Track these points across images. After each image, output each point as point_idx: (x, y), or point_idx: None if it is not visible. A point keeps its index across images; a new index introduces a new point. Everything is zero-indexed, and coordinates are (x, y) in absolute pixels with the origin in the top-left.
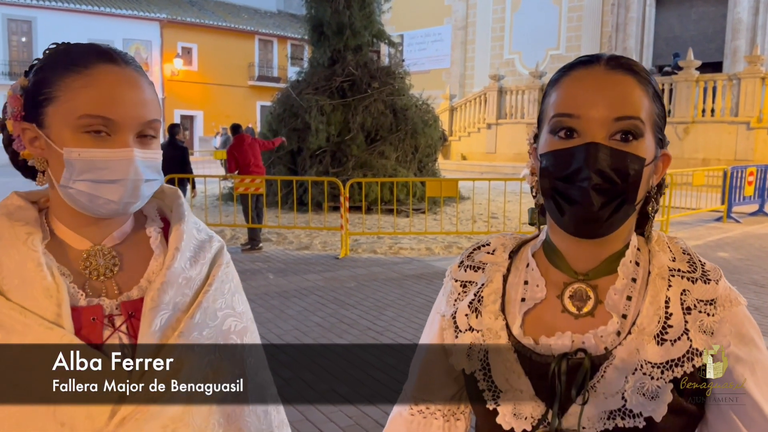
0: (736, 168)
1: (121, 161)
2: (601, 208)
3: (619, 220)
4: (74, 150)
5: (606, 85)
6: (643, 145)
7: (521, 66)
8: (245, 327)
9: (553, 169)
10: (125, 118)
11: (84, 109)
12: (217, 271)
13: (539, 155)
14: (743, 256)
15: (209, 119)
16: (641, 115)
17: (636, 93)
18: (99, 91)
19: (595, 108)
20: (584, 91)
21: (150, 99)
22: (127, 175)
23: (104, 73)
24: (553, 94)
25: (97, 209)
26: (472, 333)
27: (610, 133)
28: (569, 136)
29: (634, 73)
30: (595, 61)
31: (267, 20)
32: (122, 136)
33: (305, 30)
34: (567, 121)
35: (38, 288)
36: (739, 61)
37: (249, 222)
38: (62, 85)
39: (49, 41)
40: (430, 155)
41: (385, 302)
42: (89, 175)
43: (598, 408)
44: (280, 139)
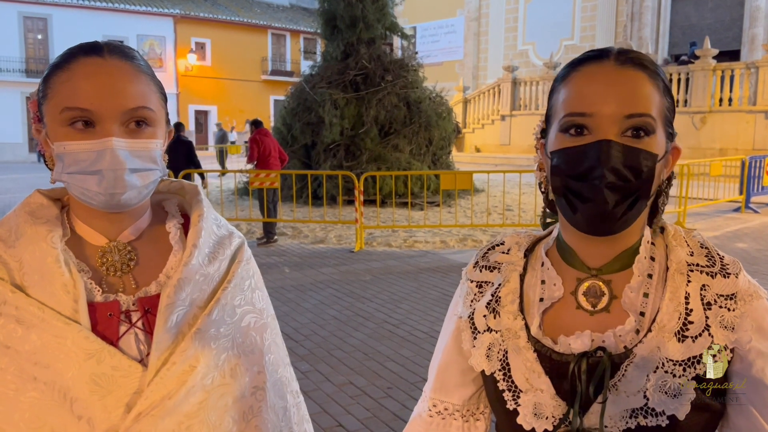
0: (755, 158)
1: (101, 152)
2: (615, 206)
3: (632, 217)
4: (61, 144)
5: (617, 82)
6: (655, 141)
7: (535, 57)
8: (265, 324)
9: (564, 167)
10: (105, 108)
11: (64, 102)
12: (236, 267)
13: (549, 153)
14: (762, 247)
15: (223, 114)
16: (652, 111)
17: (647, 89)
18: (77, 84)
19: (607, 105)
20: (595, 88)
21: (136, 87)
22: (107, 164)
23: (83, 65)
24: (563, 91)
25: (90, 201)
26: (491, 334)
27: (621, 130)
28: (580, 134)
29: (644, 68)
30: (605, 56)
31: (280, 14)
32: (105, 126)
33: (318, 24)
34: (578, 119)
35: (57, 284)
36: (757, 49)
37: (265, 216)
38: (50, 83)
39: (64, 38)
40: (444, 148)
41: (401, 295)
42: (75, 167)
43: (619, 407)
44: (286, 158)
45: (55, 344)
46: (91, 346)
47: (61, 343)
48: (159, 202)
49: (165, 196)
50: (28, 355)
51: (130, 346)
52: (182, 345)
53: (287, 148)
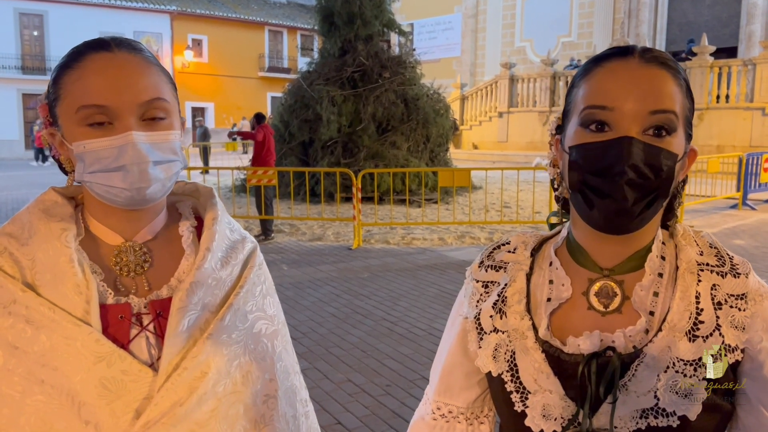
0: (752, 155)
1: (123, 147)
2: (634, 204)
3: (649, 216)
4: (80, 143)
5: (641, 78)
6: (676, 141)
7: (533, 54)
8: (276, 330)
9: (583, 163)
10: (120, 102)
11: (79, 101)
12: (249, 272)
13: (568, 148)
14: (759, 244)
15: (220, 111)
16: (676, 109)
17: (670, 87)
18: (90, 81)
19: (630, 101)
20: (618, 83)
21: (149, 79)
22: (130, 159)
23: (93, 61)
24: (584, 86)
25: (114, 199)
26: (498, 334)
27: (644, 128)
28: (601, 130)
29: (668, 67)
30: (630, 53)
31: (277, 11)
32: (123, 121)
33: (315, 20)
34: (599, 114)
35: (69, 284)
36: (754, 46)
37: (262, 213)
38: (62, 83)
39: (60, 35)
40: (442, 145)
41: (399, 293)
42: (98, 165)
43: (630, 407)
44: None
45: (64, 346)
46: (102, 349)
47: (70, 345)
48: (173, 204)
49: (179, 197)
50: (36, 356)
51: (141, 349)
52: (194, 350)
53: (285, 144)
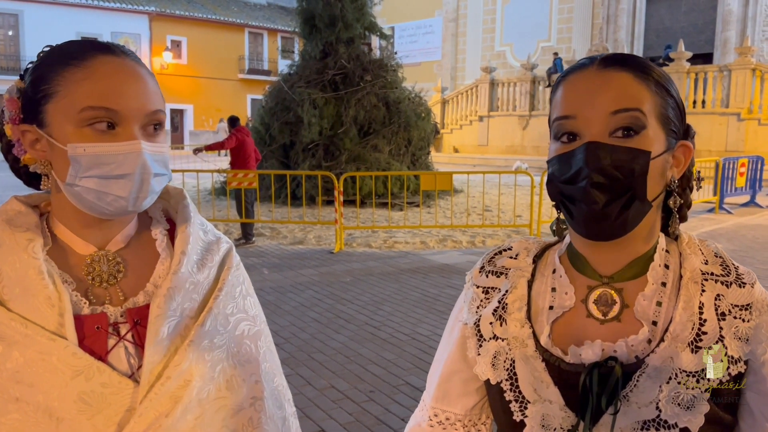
0: (728, 159)
1: (129, 155)
2: (607, 206)
3: (632, 218)
4: (79, 145)
5: (600, 83)
6: (647, 138)
7: (512, 58)
8: (259, 331)
9: (558, 174)
10: (129, 109)
11: (85, 101)
12: (226, 274)
13: (547, 162)
14: (736, 248)
15: (199, 113)
16: (642, 106)
17: (632, 86)
18: (99, 82)
19: (590, 106)
20: (579, 92)
21: (152, 89)
22: (136, 169)
23: (103, 63)
24: (554, 101)
25: (104, 207)
26: (497, 341)
27: (609, 130)
28: (572, 140)
29: (629, 68)
30: (589, 63)
31: (257, 13)
32: (127, 128)
33: (296, 22)
34: (567, 124)
35: (40, 297)
36: (729, 53)
37: (242, 217)
38: (61, 80)
39: (36, 35)
40: (423, 148)
41: (382, 297)
42: (96, 170)
43: (631, 418)
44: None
45: (39, 361)
46: (79, 363)
47: (46, 360)
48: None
49: None
50: (9, 373)
51: (120, 360)
52: (176, 358)
53: (265, 147)
